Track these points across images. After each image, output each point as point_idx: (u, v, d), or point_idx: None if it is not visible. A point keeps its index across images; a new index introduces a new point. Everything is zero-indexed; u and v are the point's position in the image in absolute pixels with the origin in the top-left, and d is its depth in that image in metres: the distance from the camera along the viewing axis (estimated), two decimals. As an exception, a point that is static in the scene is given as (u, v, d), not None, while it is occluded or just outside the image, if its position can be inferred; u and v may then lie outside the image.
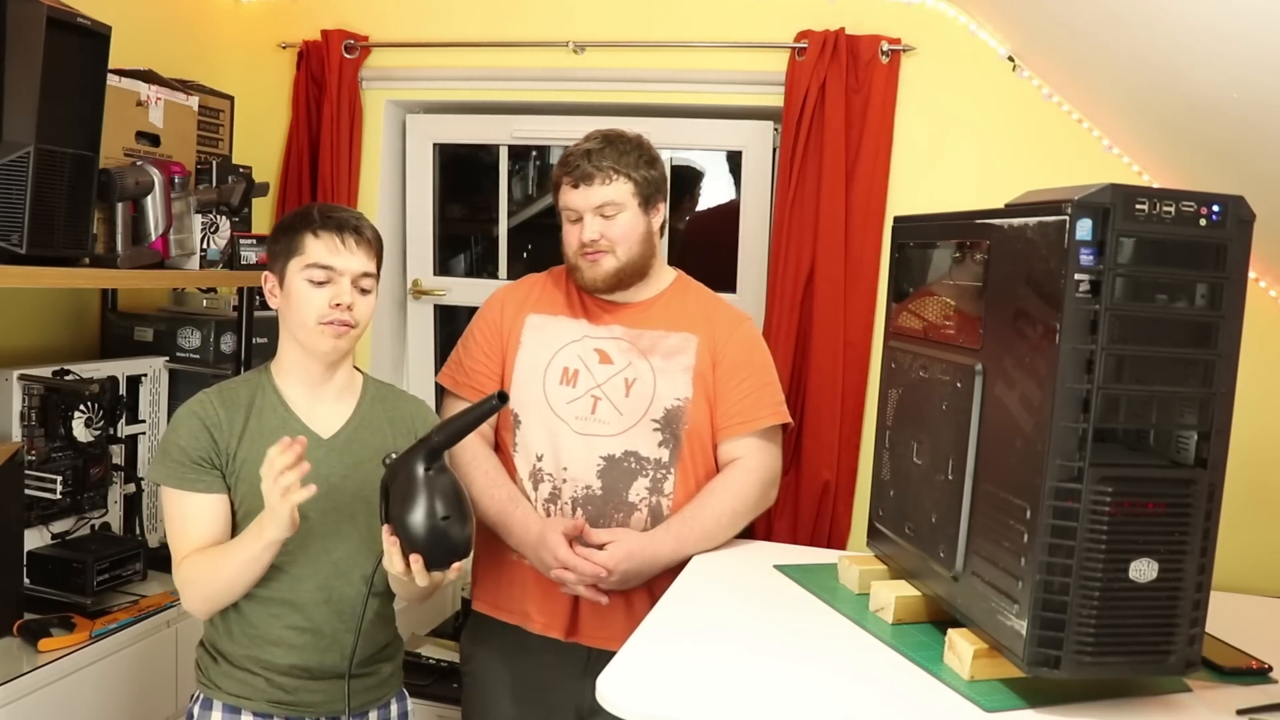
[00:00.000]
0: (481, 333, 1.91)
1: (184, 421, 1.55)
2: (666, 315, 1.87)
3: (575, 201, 1.80)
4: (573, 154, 1.81)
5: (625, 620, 1.73)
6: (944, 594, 1.36)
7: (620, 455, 1.79)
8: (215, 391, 1.59)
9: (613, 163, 1.78)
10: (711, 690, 1.23)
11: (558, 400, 1.82)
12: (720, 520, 1.78)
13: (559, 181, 1.83)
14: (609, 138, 1.82)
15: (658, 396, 1.80)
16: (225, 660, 1.57)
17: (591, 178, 1.78)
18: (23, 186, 1.67)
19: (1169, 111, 1.95)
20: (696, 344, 1.84)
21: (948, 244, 1.44)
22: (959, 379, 1.32)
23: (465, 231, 3.15)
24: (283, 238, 1.56)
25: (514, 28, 2.61)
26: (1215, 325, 1.13)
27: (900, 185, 2.39)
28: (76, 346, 2.38)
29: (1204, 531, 1.14)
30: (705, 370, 1.83)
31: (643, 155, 1.82)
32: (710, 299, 1.93)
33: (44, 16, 1.67)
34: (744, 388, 1.83)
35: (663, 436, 1.80)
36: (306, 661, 1.55)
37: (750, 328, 1.91)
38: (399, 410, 1.66)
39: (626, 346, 1.84)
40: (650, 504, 1.79)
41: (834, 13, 2.39)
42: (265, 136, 2.75)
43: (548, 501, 1.81)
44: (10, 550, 1.86)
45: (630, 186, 1.79)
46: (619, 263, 1.80)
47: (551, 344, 1.86)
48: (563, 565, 1.70)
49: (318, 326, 1.53)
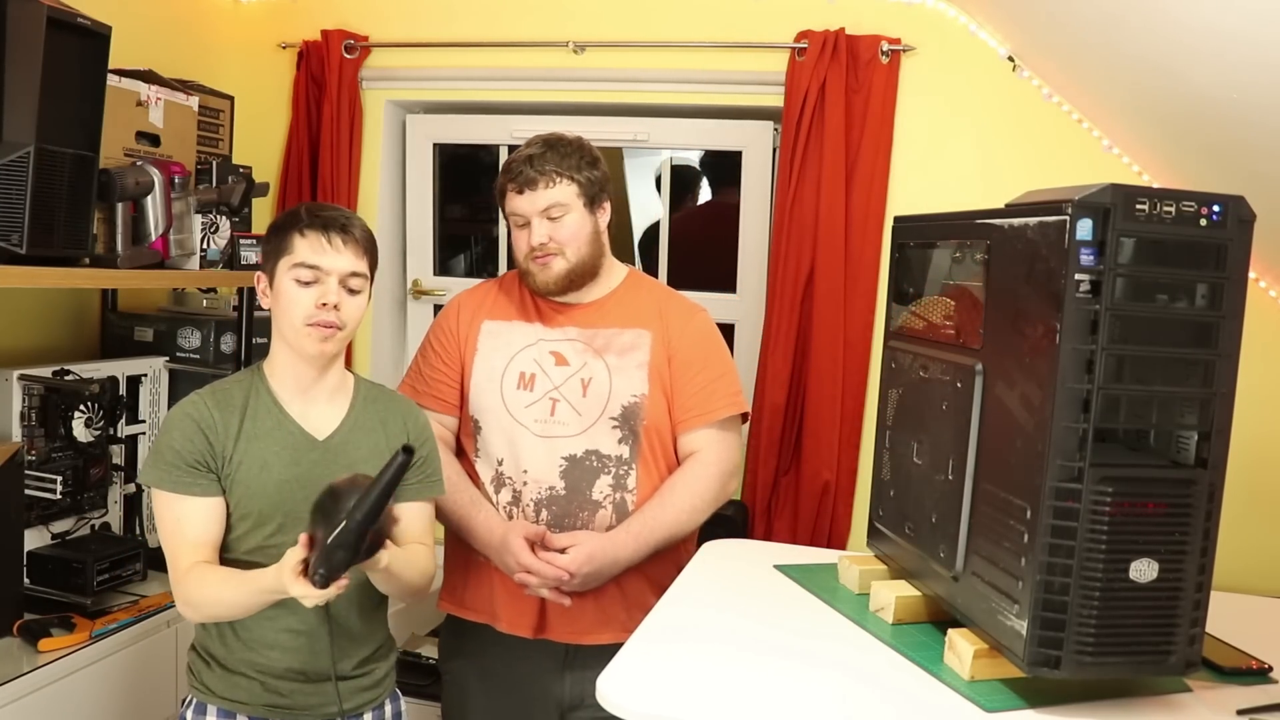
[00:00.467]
0: (439, 341, 1.92)
1: (178, 424, 1.52)
2: (619, 312, 1.87)
3: (521, 207, 1.80)
4: (515, 160, 1.82)
5: (595, 615, 1.78)
6: (944, 594, 1.35)
7: (582, 454, 1.80)
8: (208, 393, 1.57)
9: (555, 166, 1.79)
10: (711, 690, 1.23)
11: (516, 405, 1.83)
12: (680, 518, 1.80)
13: (503, 189, 1.83)
14: (549, 141, 1.83)
15: (614, 394, 1.82)
16: (218, 664, 1.56)
17: (535, 182, 1.78)
18: (23, 186, 1.68)
19: (1169, 111, 1.96)
20: (650, 339, 1.85)
21: (948, 244, 1.44)
22: (959, 379, 1.32)
23: (465, 231, 3.15)
24: (273, 237, 1.56)
25: (514, 28, 2.61)
26: (1215, 325, 1.13)
27: (900, 185, 2.39)
28: (76, 346, 2.38)
29: (1204, 532, 1.14)
30: (660, 365, 1.84)
31: (584, 156, 1.83)
32: (663, 293, 1.94)
33: (44, 16, 1.67)
34: (699, 380, 1.84)
35: (622, 434, 1.81)
36: (302, 664, 1.55)
37: (703, 319, 1.91)
38: (390, 411, 1.66)
39: (581, 347, 1.85)
40: (615, 500, 1.80)
41: (834, 13, 2.39)
42: (265, 136, 2.75)
43: (510, 505, 1.82)
44: (10, 550, 1.86)
45: (574, 188, 1.80)
46: (569, 264, 1.81)
47: (507, 350, 1.87)
48: (525, 569, 1.72)
49: (304, 328, 1.51)
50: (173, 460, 1.50)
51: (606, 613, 1.79)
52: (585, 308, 1.88)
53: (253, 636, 1.54)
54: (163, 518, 1.52)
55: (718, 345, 1.91)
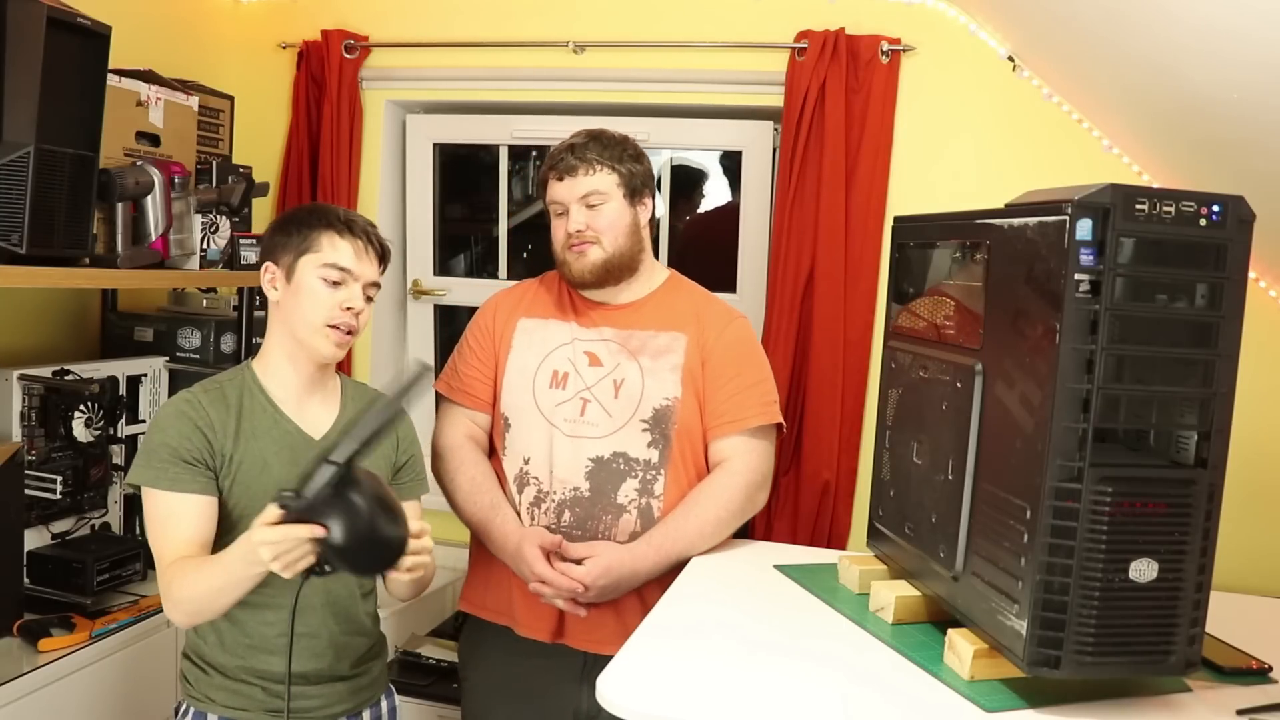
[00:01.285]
0: (475, 339, 1.91)
1: (173, 422, 1.48)
2: (656, 315, 1.86)
3: (560, 194, 1.80)
4: (557, 150, 1.83)
5: (615, 625, 1.73)
6: (944, 594, 1.36)
7: (609, 457, 1.78)
8: (200, 391, 1.53)
9: (596, 154, 1.79)
10: (711, 690, 1.23)
11: (547, 403, 1.81)
12: (704, 530, 1.76)
13: (545, 178, 1.84)
14: (593, 134, 1.83)
15: (646, 397, 1.79)
16: (217, 672, 1.53)
17: (575, 169, 1.79)
18: (23, 186, 1.68)
19: (1169, 111, 1.95)
20: (685, 342, 1.82)
21: (948, 244, 1.44)
22: (959, 379, 1.32)
23: (465, 231, 3.15)
24: (295, 231, 1.53)
25: (514, 28, 2.61)
26: (1215, 325, 1.13)
27: (900, 185, 2.39)
28: (76, 346, 2.38)
29: (1204, 531, 1.14)
30: (694, 368, 1.81)
31: (627, 149, 1.83)
32: (702, 297, 1.92)
33: (44, 16, 1.67)
34: (731, 387, 1.81)
35: (652, 437, 1.79)
36: (304, 667, 1.53)
37: (741, 326, 1.89)
38: None
39: (616, 348, 1.83)
40: (640, 505, 1.77)
41: (834, 13, 2.39)
42: (265, 136, 2.75)
43: (532, 505, 1.80)
44: (10, 550, 1.86)
45: (615, 177, 1.80)
46: (605, 254, 1.79)
47: (541, 347, 1.86)
48: (539, 579, 1.70)
49: (324, 329, 1.50)
50: (168, 458, 1.46)
51: (627, 623, 1.72)
52: (622, 308, 1.86)
53: (253, 643, 1.52)
54: (153, 517, 1.47)
55: (754, 353, 1.88)
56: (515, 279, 2.89)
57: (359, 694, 1.61)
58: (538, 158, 3.18)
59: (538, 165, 3.18)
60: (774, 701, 1.20)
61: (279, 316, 1.55)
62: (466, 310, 3.06)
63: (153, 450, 1.47)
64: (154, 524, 1.47)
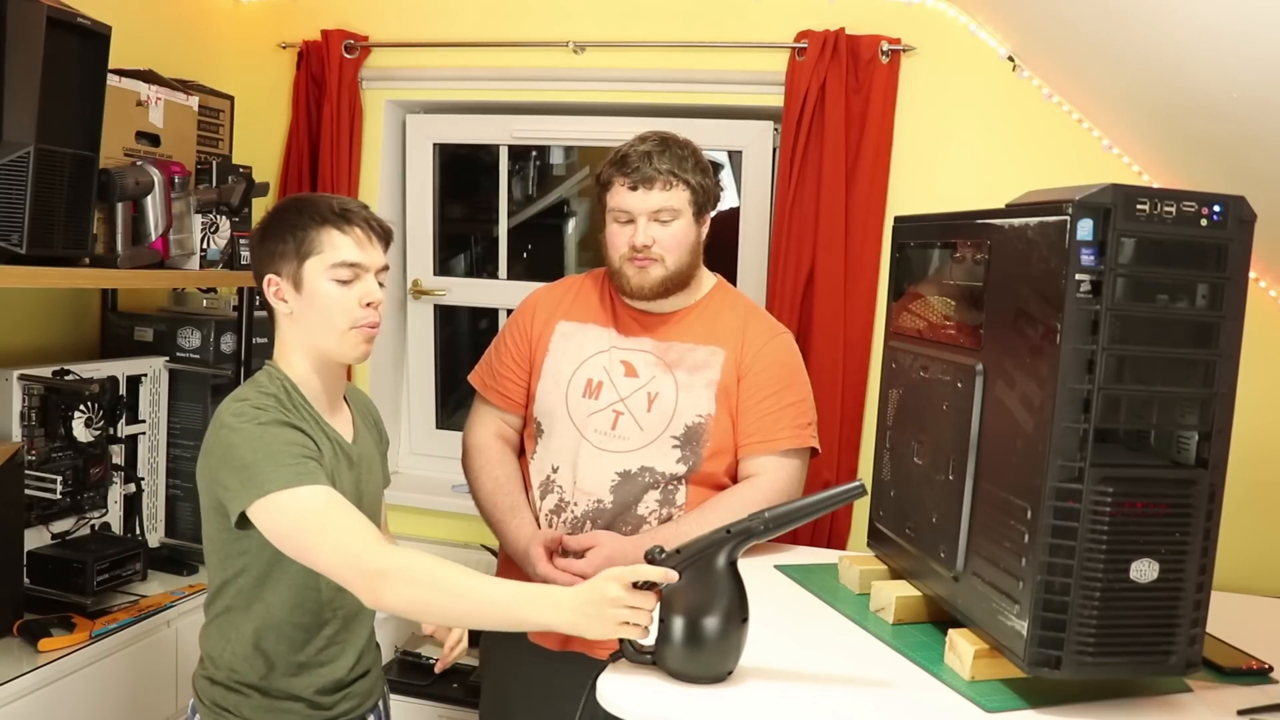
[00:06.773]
0: (512, 337, 1.90)
1: (268, 429, 1.35)
2: (698, 328, 1.82)
3: (631, 204, 1.74)
4: (630, 154, 1.75)
5: None
6: (944, 594, 1.36)
7: (636, 470, 1.76)
8: (260, 400, 1.39)
9: (672, 167, 1.73)
10: (711, 690, 1.23)
11: (580, 412, 1.79)
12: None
13: (610, 181, 1.76)
14: (666, 140, 1.77)
15: (679, 412, 1.76)
16: (261, 694, 1.46)
17: (652, 181, 1.72)
18: (23, 186, 1.67)
19: (1169, 111, 1.95)
20: (724, 358, 1.79)
21: (948, 244, 1.44)
22: (959, 379, 1.32)
23: (465, 231, 3.15)
24: (289, 235, 1.41)
25: (514, 28, 2.60)
26: (1216, 325, 1.13)
27: (900, 185, 2.39)
28: (76, 346, 2.38)
29: (1204, 532, 1.14)
30: (730, 385, 1.77)
31: (698, 162, 1.78)
32: (747, 309, 1.87)
33: (44, 16, 1.67)
34: (765, 405, 1.77)
35: (682, 453, 1.76)
36: (344, 674, 1.51)
37: (783, 343, 1.84)
38: (364, 404, 1.65)
39: (653, 360, 1.80)
40: (660, 516, 1.76)
41: (834, 13, 2.39)
42: (265, 136, 2.75)
43: (552, 513, 1.79)
44: (10, 550, 1.86)
45: (688, 194, 1.75)
46: (667, 272, 1.75)
47: (578, 353, 1.83)
48: (543, 580, 1.70)
49: (350, 331, 1.42)
50: (300, 454, 1.34)
51: None
52: (664, 318, 1.83)
53: (307, 660, 1.47)
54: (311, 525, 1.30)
55: (793, 371, 1.83)
56: (515, 279, 2.90)
57: (369, 695, 1.61)
58: (538, 158, 3.18)
59: (538, 165, 3.19)
60: (774, 702, 1.20)
61: (297, 329, 1.45)
62: (466, 310, 3.06)
63: (274, 456, 1.33)
64: (312, 523, 1.31)
